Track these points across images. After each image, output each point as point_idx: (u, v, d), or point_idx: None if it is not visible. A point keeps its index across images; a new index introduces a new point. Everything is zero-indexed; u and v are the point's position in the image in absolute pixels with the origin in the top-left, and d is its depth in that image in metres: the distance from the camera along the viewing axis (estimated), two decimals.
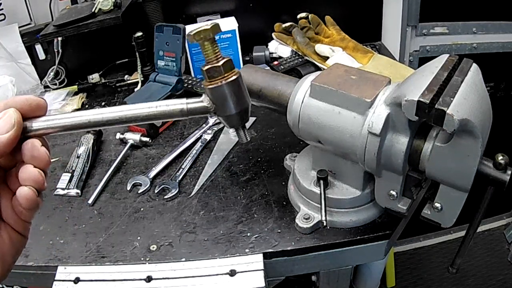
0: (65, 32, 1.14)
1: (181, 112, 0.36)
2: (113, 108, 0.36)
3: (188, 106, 0.36)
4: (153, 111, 0.35)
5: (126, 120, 0.36)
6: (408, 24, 1.30)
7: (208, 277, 0.65)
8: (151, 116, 0.36)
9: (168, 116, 0.36)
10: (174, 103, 0.36)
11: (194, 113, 0.36)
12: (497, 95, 1.50)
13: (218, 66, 0.34)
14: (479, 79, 0.54)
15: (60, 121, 0.36)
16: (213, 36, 0.35)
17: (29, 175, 0.35)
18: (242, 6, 1.31)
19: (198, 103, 0.36)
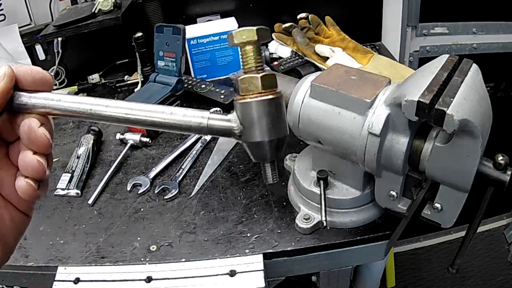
0: (65, 32, 1.14)
1: (200, 127, 0.29)
2: (121, 103, 0.31)
3: (210, 122, 0.29)
4: (166, 119, 0.29)
5: (133, 121, 0.30)
6: (408, 24, 1.30)
7: (208, 277, 0.65)
8: (163, 124, 0.29)
9: (184, 129, 0.29)
10: (193, 115, 0.29)
11: (215, 131, 0.29)
12: (497, 95, 1.50)
13: (255, 78, 0.27)
14: (479, 80, 0.54)
15: (61, 103, 0.31)
16: (257, 40, 0.28)
17: (27, 164, 0.31)
18: (242, 6, 1.31)
19: (223, 121, 0.29)
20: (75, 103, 0.31)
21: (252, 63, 0.28)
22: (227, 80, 1.18)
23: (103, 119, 0.31)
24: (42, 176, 0.32)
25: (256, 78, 0.27)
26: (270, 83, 0.28)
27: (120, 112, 0.30)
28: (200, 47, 1.16)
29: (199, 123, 0.29)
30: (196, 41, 1.15)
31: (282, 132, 0.34)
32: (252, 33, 0.27)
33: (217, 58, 1.19)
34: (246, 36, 0.27)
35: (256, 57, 0.28)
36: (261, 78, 0.27)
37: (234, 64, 1.20)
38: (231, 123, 0.29)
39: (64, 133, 1.07)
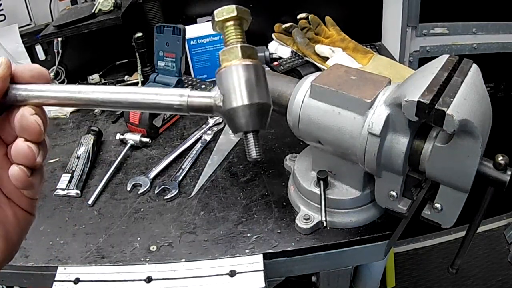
0: (65, 32, 1.14)
1: (180, 106, 0.28)
2: (106, 88, 0.31)
3: (190, 99, 0.28)
4: (146, 99, 0.29)
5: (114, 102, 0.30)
6: (408, 24, 1.30)
7: (208, 277, 0.65)
8: (143, 104, 0.29)
9: (163, 108, 0.29)
10: (172, 93, 0.29)
11: (196, 108, 0.29)
12: (497, 95, 1.50)
13: (235, 48, 0.28)
14: (479, 80, 0.54)
15: (51, 93, 0.32)
16: (237, 16, 0.28)
17: (18, 150, 0.31)
18: None
19: (204, 98, 0.28)
20: (65, 91, 0.32)
21: (232, 38, 0.29)
22: None
23: (92, 105, 0.31)
24: (33, 162, 0.32)
25: (235, 47, 0.28)
26: (250, 53, 0.28)
27: (103, 95, 0.30)
28: (200, 47, 1.16)
29: (179, 102, 0.29)
30: (196, 41, 1.15)
31: (262, 97, 0.32)
32: (231, 9, 0.28)
33: (217, 58, 1.18)
34: (226, 13, 0.29)
35: (237, 32, 0.29)
36: (240, 48, 0.28)
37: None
38: (212, 99, 0.29)
39: (64, 133, 1.07)
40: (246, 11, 0.29)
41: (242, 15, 0.28)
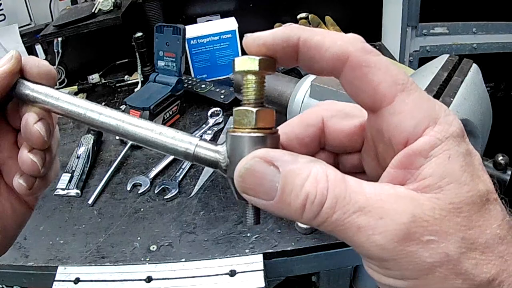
0: (65, 32, 1.14)
1: (186, 153, 0.27)
2: (116, 113, 0.30)
3: (197, 150, 0.27)
4: (154, 137, 0.28)
5: (122, 133, 0.30)
6: (408, 24, 1.30)
7: (208, 277, 0.65)
8: (150, 142, 0.28)
9: (169, 151, 0.28)
10: (182, 139, 0.27)
11: (201, 160, 0.27)
12: (497, 95, 1.50)
13: (250, 112, 0.24)
14: (479, 79, 0.54)
15: (59, 102, 0.31)
16: (259, 71, 0.25)
17: (22, 162, 0.31)
18: (242, 6, 1.31)
19: (211, 151, 0.27)
20: (72, 104, 0.31)
21: (250, 96, 0.26)
22: (227, 80, 1.18)
23: (94, 125, 0.31)
24: (37, 174, 0.31)
25: (251, 112, 0.25)
26: (266, 120, 0.25)
27: (111, 122, 0.30)
28: (200, 47, 1.16)
29: (185, 149, 0.27)
30: (196, 41, 1.15)
31: None
32: (253, 62, 0.25)
33: (217, 58, 1.19)
34: (247, 65, 0.25)
35: (256, 90, 0.26)
36: (256, 114, 0.25)
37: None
38: (219, 155, 0.26)
39: (64, 133, 1.07)
40: (271, 63, 0.24)
41: (265, 70, 0.25)
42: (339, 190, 0.20)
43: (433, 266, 0.19)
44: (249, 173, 0.22)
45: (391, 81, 0.21)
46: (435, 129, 0.21)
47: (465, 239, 0.19)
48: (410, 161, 0.21)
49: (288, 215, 0.21)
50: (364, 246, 0.20)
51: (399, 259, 0.19)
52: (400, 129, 0.21)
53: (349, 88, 0.23)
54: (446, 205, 0.20)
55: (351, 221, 0.20)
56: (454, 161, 0.20)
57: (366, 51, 0.22)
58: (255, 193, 0.22)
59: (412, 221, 0.19)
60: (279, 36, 0.23)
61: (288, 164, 0.21)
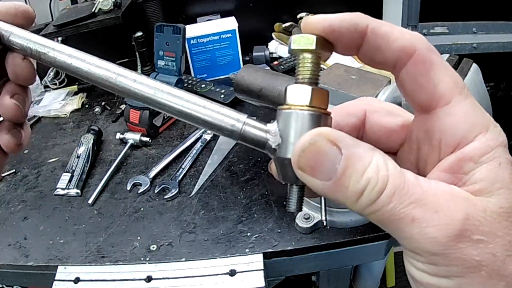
0: (65, 32, 1.14)
1: (231, 130, 0.25)
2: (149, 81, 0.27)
3: (245, 128, 0.24)
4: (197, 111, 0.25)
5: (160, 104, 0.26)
6: (408, 24, 1.30)
7: (208, 277, 0.65)
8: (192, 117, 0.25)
9: (213, 128, 0.25)
10: (228, 114, 0.25)
11: (248, 140, 0.25)
12: (497, 95, 1.50)
13: (306, 89, 0.23)
14: (479, 79, 0.54)
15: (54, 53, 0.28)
16: (317, 51, 0.24)
17: (5, 107, 0.30)
18: (242, 6, 1.31)
19: (260, 131, 0.25)
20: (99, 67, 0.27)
21: (306, 74, 0.24)
22: (227, 80, 1.18)
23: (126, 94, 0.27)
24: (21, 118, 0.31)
25: (306, 89, 0.24)
26: (321, 100, 0.24)
27: (146, 90, 0.26)
28: (200, 47, 1.16)
29: (232, 125, 0.25)
30: (196, 40, 1.15)
31: None
32: (311, 40, 0.24)
33: (217, 58, 1.19)
34: (303, 43, 0.24)
35: (312, 69, 0.24)
36: (312, 91, 0.24)
37: (234, 64, 1.20)
38: (269, 135, 0.25)
39: (64, 132, 1.07)
40: (328, 44, 0.24)
41: (322, 49, 0.24)
42: (399, 180, 0.20)
43: (480, 265, 0.20)
44: (312, 149, 0.21)
45: (451, 82, 0.21)
46: (486, 136, 0.21)
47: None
48: (459, 165, 0.21)
49: (342, 198, 0.21)
50: (416, 238, 0.20)
51: (449, 254, 0.20)
52: (454, 131, 0.21)
53: (408, 84, 0.22)
54: (496, 208, 0.20)
55: (406, 212, 0.20)
56: (504, 168, 0.21)
57: (431, 49, 0.22)
58: (313, 172, 0.22)
59: (465, 218, 0.20)
60: (348, 20, 0.23)
61: (351, 147, 0.21)
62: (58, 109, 1.16)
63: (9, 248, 0.74)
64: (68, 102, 1.20)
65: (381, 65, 0.23)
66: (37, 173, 0.93)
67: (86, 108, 1.18)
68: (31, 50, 0.28)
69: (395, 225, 0.20)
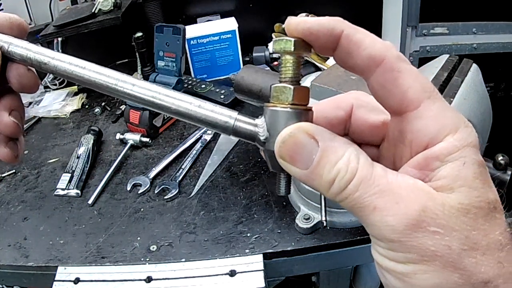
0: (65, 32, 1.14)
1: (225, 126, 0.28)
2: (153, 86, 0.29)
3: (237, 123, 0.27)
4: (193, 110, 0.28)
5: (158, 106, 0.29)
6: (408, 24, 1.30)
7: (208, 277, 0.65)
8: (188, 115, 0.28)
9: (208, 124, 0.28)
10: (221, 112, 0.28)
11: (240, 134, 0.28)
12: (497, 95, 1.50)
13: (288, 88, 0.26)
14: (479, 79, 0.54)
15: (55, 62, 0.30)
16: (295, 51, 0.26)
17: (5, 125, 0.31)
18: (242, 6, 1.31)
19: (250, 125, 0.28)
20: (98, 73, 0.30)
21: (287, 75, 0.27)
22: (227, 80, 1.18)
23: (126, 98, 0.29)
24: (18, 134, 0.32)
25: (289, 88, 0.26)
26: (302, 97, 0.27)
27: (146, 93, 0.29)
28: (200, 47, 1.16)
29: (225, 122, 0.28)
30: (196, 41, 1.15)
31: None
32: (289, 43, 0.26)
33: (217, 58, 1.19)
34: (283, 45, 0.27)
35: (293, 69, 0.27)
36: (294, 90, 0.26)
37: (234, 64, 1.20)
38: (258, 128, 0.28)
39: (64, 133, 1.07)
40: (306, 46, 0.26)
41: (300, 51, 0.26)
42: (366, 172, 0.22)
43: (435, 255, 0.21)
44: (291, 141, 0.24)
45: (419, 88, 0.23)
46: (454, 137, 0.22)
47: (469, 238, 0.21)
48: (427, 163, 0.23)
49: (317, 186, 0.24)
50: (376, 225, 0.22)
51: (406, 242, 0.21)
52: (423, 132, 0.23)
53: (378, 90, 0.24)
54: (455, 204, 0.21)
55: (370, 201, 0.22)
56: (468, 167, 0.22)
57: (400, 58, 0.23)
58: (292, 161, 0.24)
59: (423, 210, 0.21)
60: (326, 24, 0.24)
61: (327, 141, 0.23)
62: (58, 110, 1.17)
63: (9, 249, 0.74)
64: (68, 102, 1.20)
65: (352, 69, 0.25)
66: (37, 173, 0.93)
67: (86, 109, 1.18)
68: (31, 60, 0.29)
69: (361, 212, 0.22)
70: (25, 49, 0.30)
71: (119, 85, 0.30)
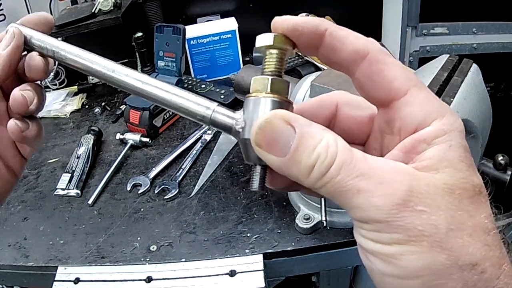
0: (65, 32, 1.14)
1: (202, 117, 0.28)
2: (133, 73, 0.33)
3: (214, 115, 0.28)
4: (173, 99, 0.30)
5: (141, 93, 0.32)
6: (408, 24, 1.30)
7: (208, 277, 0.65)
8: (168, 104, 0.30)
9: (187, 114, 0.29)
10: (200, 103, 0.29)
11: (216, 124, 0.28)
12: (497, 95, 1.50)
13: (266, 79, 0.27)
14: (479, 79, 0.54)
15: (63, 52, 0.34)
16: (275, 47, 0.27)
17: (14, 99, 0.32)
18: (242, 6, 1.31)
19: (227, 118, 0.28)
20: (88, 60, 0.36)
21: (266, 68, 0.28)
22: (227, 80, 1.18)
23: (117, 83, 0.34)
24: (26, 109, 0.32)
25: (266, 79, 0.27)
26: (279, 88, 0.27)
27: (132, 82, 0.33)
28: (200, 47, 1.16)
29: (203, 112, 0.29)
30: (196, 41, 1.15)
31: None
32: (269, 38, 0.27)
33: (217, 58, 1.19)
34: (263, 40, 0.28)
35: (271, 62, 0.28)
36: (271, 81, 0.27)
37: (234, 64, 1.20)
38: (234, 121, 0.28)
39: (64, 133, 1.07)
40: (286, 41, 0.27)
41: (280, 45, 0.27)
42: (346, 156, 0.22)
43: (422, 235, 0.20)
44: (268, 127, 0.23)
45: (405, 77, 0.24)
46: (442, 121, 0.23)
47: (455, 218, 0.21)
48: (414, 146, 0.23)
49: (295, 173, 0.23)
50: (362, 207, 0.21)
51: (392, 221, 0.21)
52: (411, 118, 0.23)
53: (364, 83, 0.25)
54: (441, 183, 0.21)
55: (353, 184, 0.21)
56: (454, 150, 0.22)
57: (384, 52, 0.25)
58: (269, 148, 0.23)
59: (408, 189, 0.21)
60: (310, 22, 0.25)
61: (304, 127, 0.23)
62: (58, 110, 1.16)
63: (9, 249, 0.74)
64: (68, 102, 1.20)
65: (337, 65, 0.26)
66: (37, 173, 0.93)
67: (86, 109, 1.18)
68: (47, 49, 0.33)
69: (343, 196, 0.22)
70: (42, 40, 0.34)
71: (113, 74, 0.35)
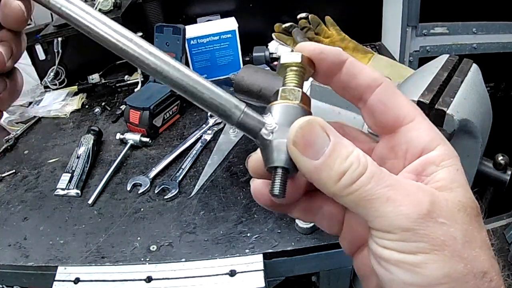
0: (65, 32, 1.14)
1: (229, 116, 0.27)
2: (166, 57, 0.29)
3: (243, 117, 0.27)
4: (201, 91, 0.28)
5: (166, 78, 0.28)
6: (408, 24, 1.30)
7: (208, 277, 0.65)
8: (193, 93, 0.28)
9: (213, 109, 0.27)
10: (229, 99, 0.27)
11: (243, 127, 0.27)
12: (497, 95, 1.50)
13: (297, 91, 0.27)
14: (479, 79, 0.54)
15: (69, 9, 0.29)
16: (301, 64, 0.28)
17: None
18: (242, 6, 1.31)
19: (255, 121, 0.27)
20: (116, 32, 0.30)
21: (294, 82, 0.29)
22: (227, 80, 1.18)
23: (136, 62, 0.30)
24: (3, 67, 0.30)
25: (298, 91, 0.28)
26: (307, 102, 0.28)
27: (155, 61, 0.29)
28: (200, 47, 1.16)
29: (231, 111, 0.27)
30: (196, 41, 1.15)
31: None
32: (297, 56, 0.28)
33: (217, 58, 1.19)
34: (292, 58, 0.29)
35: (298, 79, 0.29)
36: (303, 93, 0.28)
37: (234, 64, 1.20)
38: (263, 125, 0.27)
39: (64, 133, 1.07)
40: (310, 61, 0.28)
41: (306, 65, 0.28)
42: (376, 168, 0.24)
43: (444, 245, 0.22)
44: (307, 128, 0.25)
45: (412, 106, 0.27)
46: (444, 147, 0.26)
47: (468, 232, 0.23)
48: (423, 168, 0.25)
49: (324, 178, 0.24)
50: (389, 216, 0.23)
51: (419, 230, 0.22)
52: (418, 141, 0.26)
53: (377, 107, 0.27)
54: (456, 200, 0.24)
55: (383, 192, 0.23)
56: (460, 174, 0.25)
57: (393, 84, 0.28)
58: (304, 149, 0.24)
59: (431, 203, 0.23)
60: (334, 49, 0.28)
61: (337, 137, 0.25)
62: (58, 110, 1.16)
63: (9, 249, 0.74)
64: (68, 102, 1.20)
65: (352, 90, 0.28)
66: (37, 173, 0.93)
67: (86, 109, 1.18)
68: None
69: (371, 204, 0.23)
70: None
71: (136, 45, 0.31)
